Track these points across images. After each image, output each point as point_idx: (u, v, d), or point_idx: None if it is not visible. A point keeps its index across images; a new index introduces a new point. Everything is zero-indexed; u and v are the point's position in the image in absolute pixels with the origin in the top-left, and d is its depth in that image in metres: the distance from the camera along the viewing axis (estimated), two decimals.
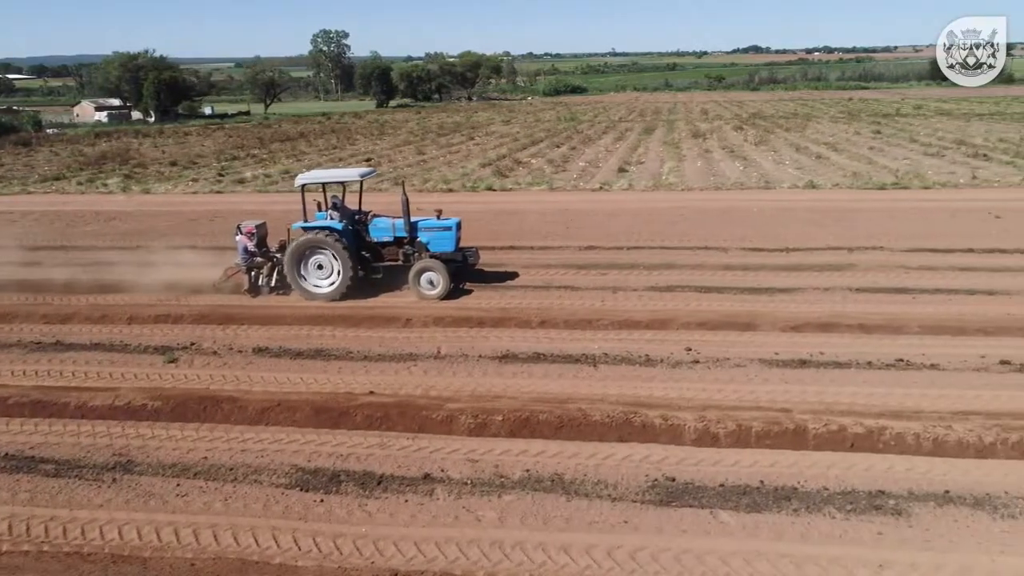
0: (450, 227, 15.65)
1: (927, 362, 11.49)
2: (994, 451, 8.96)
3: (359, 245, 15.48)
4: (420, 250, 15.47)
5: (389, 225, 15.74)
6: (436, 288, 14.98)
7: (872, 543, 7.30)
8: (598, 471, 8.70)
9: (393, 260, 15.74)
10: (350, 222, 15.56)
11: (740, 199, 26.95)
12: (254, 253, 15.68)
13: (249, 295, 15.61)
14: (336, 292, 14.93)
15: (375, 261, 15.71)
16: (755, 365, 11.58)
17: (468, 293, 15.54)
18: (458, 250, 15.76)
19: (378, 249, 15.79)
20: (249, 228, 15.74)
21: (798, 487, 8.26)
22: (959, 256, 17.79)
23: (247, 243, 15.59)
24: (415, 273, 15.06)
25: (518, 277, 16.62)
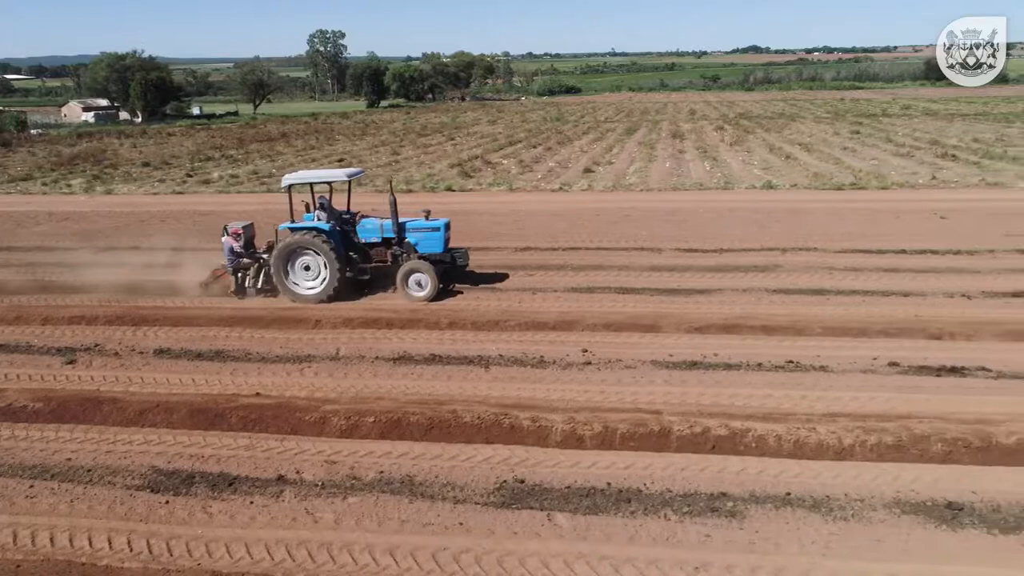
0: (438, 228, 15.51)
1: (817, 364, 11.49)
2: (851, 453, 8.98)
3: (347, 246, 15.34)
4: (408, 251, 15.36)
5: (377, 226, 15.61)
6: (424, 290, 14.86)
7: (696, 545, 7.31)
8: (451, 473, 8.72)
9: (381, 261, 15.60)
10: (338, 223, 15.44)
11: (692, 200, 26.97)
12: (240, 254, 15.50)
13: (236, 297, 15.44)
14: (323, 294, 14.80)
15: (363, 262, 15.54)
16: (646, 367, 11.59)
17: (458, 294, 15.44)
18: (447, 251, 15.63)
19: (366, 250, 15.67)
20: (235, 229, 15.52)
21: (643, 489, 8.27)
22: (889, 257, 17.79)
23: (233, 244, 15.39)
24: (403, 275, 14.94)
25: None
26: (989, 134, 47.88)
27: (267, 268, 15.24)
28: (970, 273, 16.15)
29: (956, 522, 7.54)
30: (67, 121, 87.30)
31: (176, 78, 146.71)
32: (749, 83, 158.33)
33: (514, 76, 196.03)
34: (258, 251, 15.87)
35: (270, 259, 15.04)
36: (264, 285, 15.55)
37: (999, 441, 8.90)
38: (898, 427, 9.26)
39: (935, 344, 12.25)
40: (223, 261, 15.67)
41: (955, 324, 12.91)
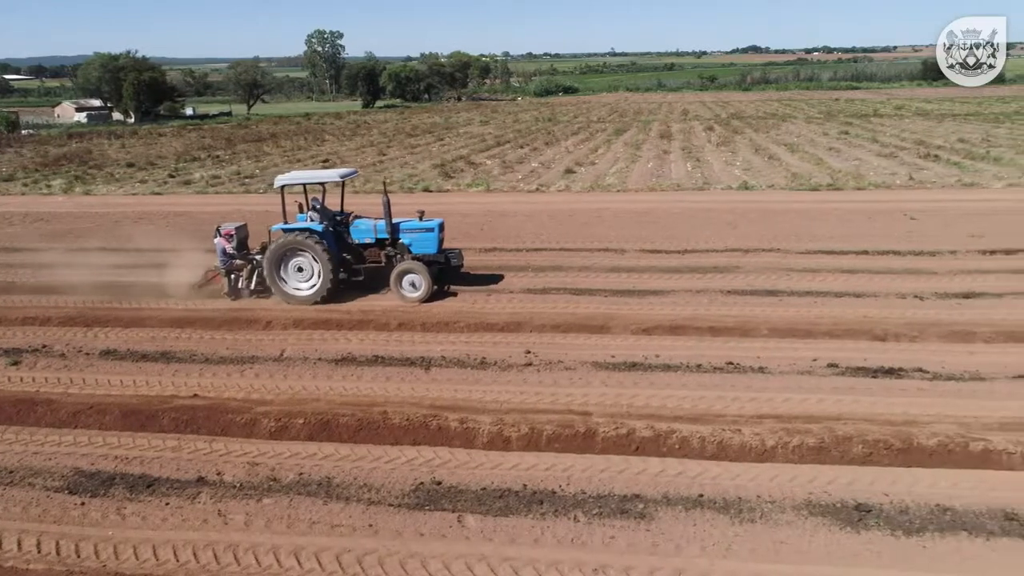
0: (432, 228, 15.43)
1: (756, 365, 11.50)
2: (773, 455, 8.99)
3: (340, 247, 15.29)
4: (402, 252, 15.30)
5: (371, 226, 15.55)
6: (418, 291, 14.80)
7: (599, 547, 7.33)
8: (370, 475, 8.74)
9: (375, 262, 15.53)
10: (331, 223, 15.33)
11: (667, 200, 26.97)
12: (233, 255, 15.41)
13: (229, 298, 15.35)
14: (317, 295, 14.73)
15: (357, 263, 15.46)
16: (586, 368, 11.61)
17: (453, 295, 15.38)
18: (441, 252, 15.53)
19: (360, 251, 15.60)
20: (228, 230, 15.42)
21: (557, 491, 8.29)
22: (851, 258, 17.80)
23: (225, 245, 15.30)
24: (396, 275, 14.88)
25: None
26: (976, 134, 47.83)
27: (260, 269, 15.15)
28: (927, 274, 16.15)
29: (861, 524, 7.55)
30: (60, 122, 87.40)
31: (175, 78, 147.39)
32: (746, 83, 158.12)
33: (512, 76, 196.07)
34: (251, 252, 15.75)
35: (263, 260, 14.94)
36: (257, 286, 15.46)
37: (920, 443, 8.91)
38: (822, 429, 9.27)
39: (878, 345, 12.26)
40: (216, 262, 15.56)
41: (901, 325, 12.92)
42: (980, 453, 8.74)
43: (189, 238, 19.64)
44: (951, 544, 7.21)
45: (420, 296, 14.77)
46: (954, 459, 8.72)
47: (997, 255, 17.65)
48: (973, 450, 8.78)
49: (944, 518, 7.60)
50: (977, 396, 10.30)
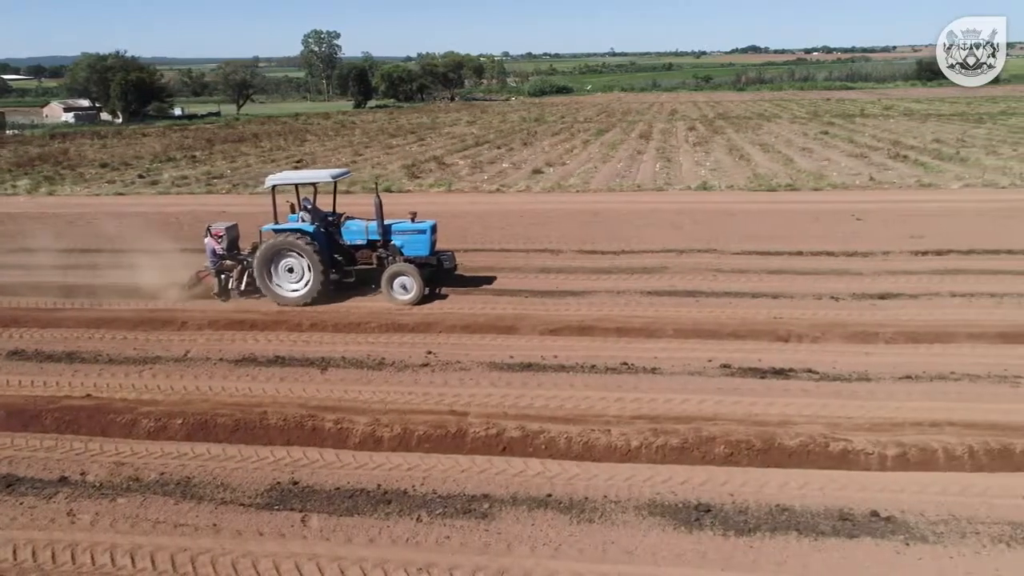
0: (424, 230, 15.33)
1: (650, 366, 11.55)
2: (637, 455, 9.04)
3: (331, 248, 15.19)
4: (394, 253, 15.19)
5: (362, 228, 15.46)
6: (409, 293, 14.66)
7: (432, 547, 7.39)
8: (231, 475, 8.80)
9: (367, 263, 15.43)
10: (322, 224, 15.24)
11: (623, 201, 27.06)
12: (223, 256, 15.30)
13: (219, 299, 15.22)
14: (307, 296, 14.64)
15: (348, 264, 15.37)
16: (481, 368, 11.67)
17: (443, 298, 15.26)
18: (433, 254, 15.47)
19: (351, 252, 15.50)
20: (218, 231, 15.28)
21: (409, 491, 8.35)
22: (784, 259, 17.86)
23: (215, 246, 15.20)
24: (387, 277, 14.75)
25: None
26: (955, 135, 47.92)
27: (250, 270, 15.07)
28: (852, 275, 16.20)
29: (697, 524, 7.60)
30: (48, 122, 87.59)
31: (173, 78, 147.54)
32: (741, 83, 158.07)
33: (509, 76, 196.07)
34: (242, 252, 15.64)
35: (253, 261, 14.84)
36: (247, 287, 15.36)
37: (782, 443, 8.96)
38: (690, 429, 9.31)
39: (778, 346, 12.32)
40: (206, 263, 15.45)
41: (806, 326, 12.97)
42: (839, 454, 8.79)
43: (134, 239, 19.71)
44: (778, 544, 7.26)
45: (411, 299, 14.61)
46: (812, 460, 8.76)
47: (928, 256, 17.70)
48: (833, 451, 8.83)
49: (780, 518, 7.65)
50: (857, 397, 10.34)
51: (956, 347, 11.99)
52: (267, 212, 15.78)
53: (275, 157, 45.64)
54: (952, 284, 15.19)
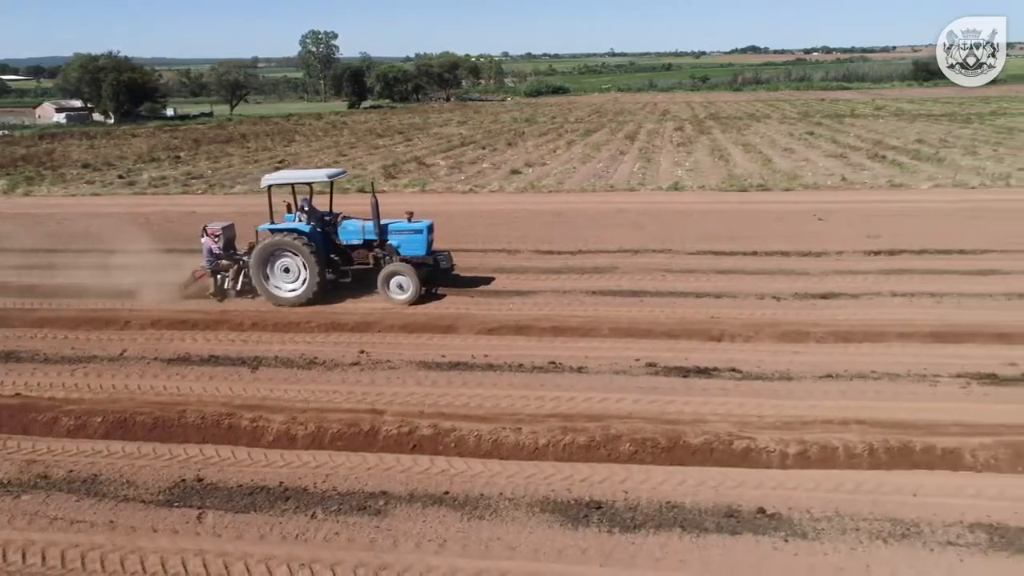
0: (421, 230, 15.32)
1: (577, 365, 11.62)
2: (544, 453, 9.13)
3: (328, 248, 15.16)
4: (390, 253, 15.17)
5: (359, 227, 15.41)
6: (406, 293, 14.63)
7: (320, 543, 7.48)
8: (138, 472, 8.89)
9: (363, 263, 15.38)
10: (319, 224, 15.19)
11: (591, 201, 27.16)
12: (219, 255, 15.25)
13: (215, 298, 15.24)
14: (304, 296, 14.60)
15: (344, 264, 15.29)
16: (410, 367, 11.76)
17: (440, 298, 15.23)
18: (430, 254, 15.42)
19: (347, 252, 15.45)
20: (214, 230, 15.23)
21: (310, 488, 8.44)
22: (737, 259, 17.93)
23: (212, 245, 15.15)
24: (384, 277, 14.73)
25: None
26: (939, 135, 47.94)
27: (246, 269, 15.02)
28: (799, 275, 16.27)
29: (585, 521, 7.69)
30: (40, 122, 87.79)
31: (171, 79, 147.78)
32: (737, 84, 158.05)
33: (507, 76, 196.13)
34: (238, 252, 15.58)
35: (249, 260, 14.81)
36: (243, 287, 15.33)
37: (686, 441, 9.04)
38: (599, 427, 9.40)
39: (709, 345, 12.39)
40: (202, 263, 15.43)
41: (741, 326, 13.05)
42: (741, 452, 8.87)
43: (96, 239, 19.88)
44: (660, 540, 7.34)
45: (408, 299, 14.59)
46: (715, 458, 8.85)
47: (881, 256, 17.76)
48: (736, 449, 8.91)
49: (668, 515, 7.73)
50: (775, 396, 10.42)
51: (884, 347, 12.06)
52: (238, 211, 15.90)
53: (259, 158, 45.77)
54: (896, 284, 15.26)
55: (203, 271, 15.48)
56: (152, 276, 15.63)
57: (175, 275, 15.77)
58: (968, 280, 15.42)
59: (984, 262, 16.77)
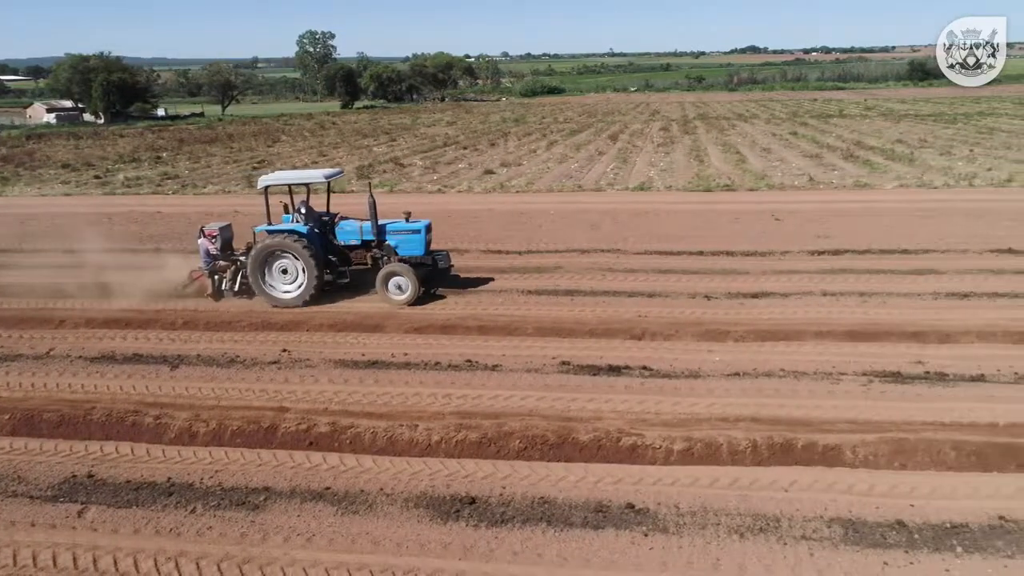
0: (419, 230, 15.28)
1: (492, 363, 11.74)
2: (436, 450, 9.25)
3: (326, 249, 15.14)
4: (389, 253, 15.17)
5: (356, 228, 15.41)
6: (404, 293, 14.60)
7: (191, 537, 7.61)
8: (34, 468, 9.02)
9: (361, 264, 15.38)
10: (316, 225, 15.18)
11: (555, 201, 27.23)
12: (216, 256, 15.23)
13: (213, 299, 15.18)
14: (302, 297, 14.58)
15: (342, 265, 15.27)
16: (328, 365, 11.89)
17: (441, 298, 15.20)
18: (428, 254, 15.38)
19: (345, 253, 15.42)
20: (211, 231, 15.23)
21: (197, 483, 8.58)
22: (682, 258, 18.04)
23: (208, 246, 15.12)
24: (382, 277, 14.68)
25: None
26: (920, 135, 48.02)
27: (244, 270, 15.00)
28: (738, 274, 16.39)
29: (455, 516, 7.82)
30: (30, 122, 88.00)
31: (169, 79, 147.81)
32: (733, 84, 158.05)
33: (504, 76, 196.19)
34: (236, 253, 15.58)
35: (247, 262, 14.79)
36: (241, 287, 15.27)
37: (576, 438, 9.17)
38: (494, 424, 9.53)
39: (629, 344, 12.51)
40: (199, 263, 15.43)
41: (664, 324, 13.16)
42: (628, 448, 9.00)
43: (54, 239, 20.04)
44: (523, 535, 7.47)
45: (406, 299, 14.56)
46: (603, 454, 8.98)
47: (824, 255, 17.87)
48: (623, 445, 9.04)
49: (538, 510, 7.86)
50: (678, 393, 10.54)
51: (799, 345, 12.17)
52: (204, 211, 16.07)
53: (240, 158, 45.91)
54: (829, 284, 15.36)
55: (200, 272, 15.45)
56: (102, 276, 15.79)
57: (124, 276, 15.92)
58: (902, 279, 15.52)
59: (923, 262, 16.86)
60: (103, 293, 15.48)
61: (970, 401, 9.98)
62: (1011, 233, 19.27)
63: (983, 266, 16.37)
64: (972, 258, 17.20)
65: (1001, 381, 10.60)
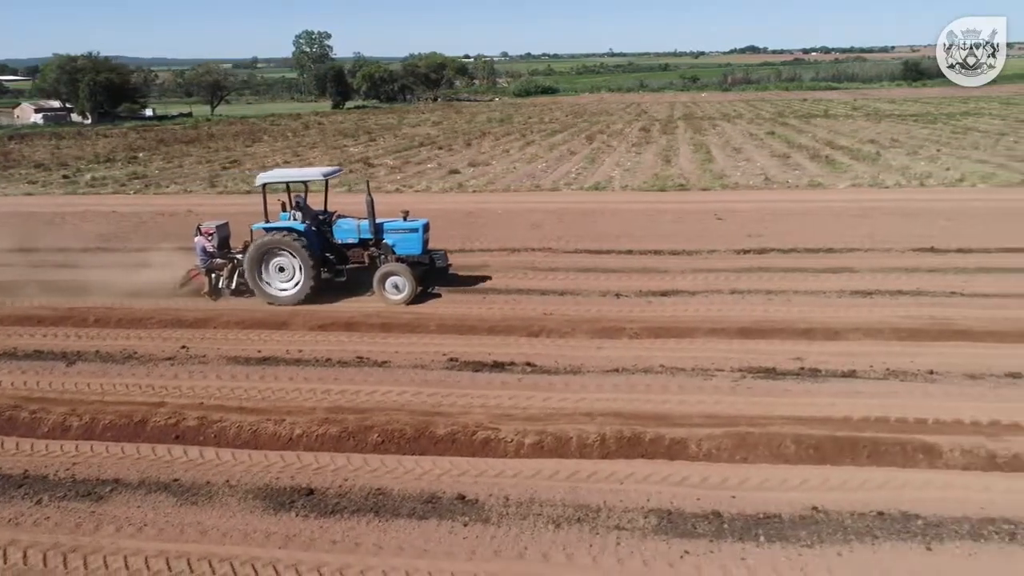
0: (416, 229, 15.27)
1: (383, 359, 11.93)
2: (297, 443, 9.43)
3: (323, 247, 15.14)
4: (386, 252, 15.17)
5: (354, 226, 15.40)
6: (402, 292, 14.56)
7: (29, 527, 7.76)
8: None
9: (358, 262, 15.40)
10: (313, 223, 15.17)
11: (510, 201, 27.44)
12: (213, 254, 15.24)
13: (210, 298, 15.22)
14: (299, 295, 14.57)
15: (339, 263, 15.24)
16: (221, 362, 12.07)
17: (437, 297, 15.29)
18: (425, 253, 15.36)
19: (343, 251, 15.42)
20: (208, 229, 15.22)
21: (51, 476, 8.75)
22: (609, 257, 18.26)
23: (205, 244, 15.13)
24: (380, 277, 14.67)
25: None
26: (895, 135, 48.21)
27: (241, 269, 15.00)
28: (658, 272, 16.57)
29: (290, 506, 8.00)
30: (17, 123, 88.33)
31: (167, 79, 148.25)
32: (727, 84, 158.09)
33: (501, 76, 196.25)
34: (233, 251, 15.57)
35: (244, 260, 14.81)
36: (238, 286, 15.29)
37: (433, 431, 9.34)
38: (357, 419, 9.70)
39: (523, 340, 12.68)
40: (196, 262, 15.43)
41: (563, 322, 13.34)
42: (481, 442, 9.17)
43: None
44: (348, 525, 7.65)
45: (404, 298, 14.53)
46: (456, 447, 9.15)
47: (749, 254, 18.05)
48: (477, 439, 9.22)
49: (371, 501, 8.05)
50: (551, 389, 10.71)
51: (689, 342, 12.34)
52: (157, 211, 16.26)
53: (214, 158, 46.17)
54: (742, 282, 15.54)
55: (197, 270, 15.47)
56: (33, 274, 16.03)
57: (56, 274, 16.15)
58: (815, 278, 15.69)
59: (843, 260, 17.04)
60: (17, 291, 15.65)
61: (833, 396, 10.14)
62: (942, 232, 19.44)
63: (900, 265, 16.53)
64: (893, 257, 17.36)
65: (871, 377, 10.75)
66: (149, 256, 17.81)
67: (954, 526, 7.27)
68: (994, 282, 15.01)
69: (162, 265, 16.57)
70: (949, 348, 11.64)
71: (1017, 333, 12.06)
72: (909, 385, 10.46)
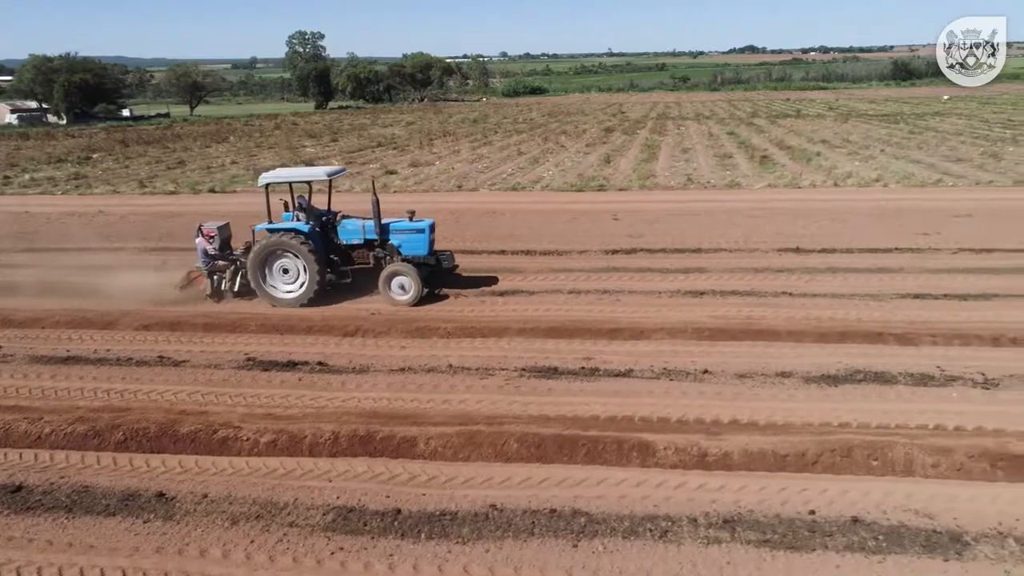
0: (423, 229, 15.09)
1: (181, 359, 12.09)
2: (43, 442, 9.53)
3: (327, 248, 14.97)
4: (392, 253, 15.03)
5: (359, 227, 15.20)
6: (407, 293, 14.42)
7: None
8: None
9: (363, 263, 15.25)
10: (317, 223, 14.96)
11: (426, 200, 27.38)
12: (215, 256, 15.04)
13: (212, 300, 15.05)
14: (303, 297, 14.39)
15: (344, 264, 15.10)
16: (25, 361, 12.22)
17: (444, 298, 15.07)
18: (432, 253, 15.19)
19: (347, 252, 15.26)
20: (209, 230, 14.99)
21: None
22: (479, 257, 18.36)
23: (206, 246, 14.92)
24: (385, 278, 14.50)
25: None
26: (852, 135, 48.12)
27: (243, 270, 14.86)
28: (515, 272, 16.66)
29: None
30: None
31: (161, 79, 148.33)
32: (716, 83, 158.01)
33: (495, 77, 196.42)
34: (234, 252, 15.45)
35: (246, 261, 14.65)
36: (241, 288, 15.15)
37: (176, 430, 9.43)
38: (111, 418, 9.81)
39: (335, 340, 12.86)
40: (198, 263, 15.24)
41: (383, 322, 13.50)
42: (220, 440, 9.28)
43: None
44: (32, 522, 7.75)
45: (409, 299, 14.39)
46: (195, 446, 9.28)
47: (617, 254, 18.14)
48: (217, 437, 9.32)
49: (72, 498, 8.17)
50: (328, 388, 10.86)
51: (495, 341, 12.43)
52: (68, 212, 16.26)
53: (167, 158, 46.25)
54: (584, 282, 15.64)
55: (198, 272, 15.31)
56: None
57: None
58: (664, 277, 15.80)
59: (704, 261, 17.12)
60: None
61: (591, 396, 10.23)
62: (817, 233, 19.53)
63: (756, 265, 16.59)
64: (756, 257, 17.43)
65: (645, 376, 10.83)
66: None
67: (615, 523, 7.34)
68: (833, 282, 15.08)
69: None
70: (741, 348, 11.71)
71: (816, 333, 12.10)
72: (676, 384, 10.54)
